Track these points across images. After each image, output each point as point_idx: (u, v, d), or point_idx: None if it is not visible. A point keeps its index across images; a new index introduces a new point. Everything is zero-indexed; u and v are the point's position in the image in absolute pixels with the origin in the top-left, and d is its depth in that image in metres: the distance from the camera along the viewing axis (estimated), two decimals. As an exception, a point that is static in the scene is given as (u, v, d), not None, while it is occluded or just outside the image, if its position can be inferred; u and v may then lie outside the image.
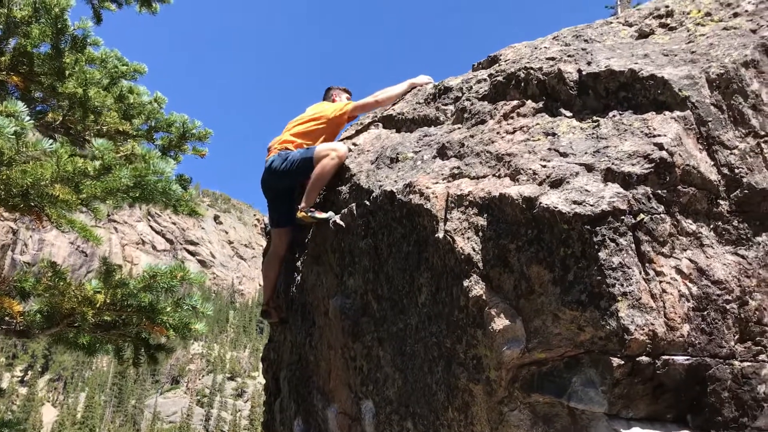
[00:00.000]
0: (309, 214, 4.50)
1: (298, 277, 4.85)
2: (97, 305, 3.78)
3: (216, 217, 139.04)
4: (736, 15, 3.57)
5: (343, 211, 4.20)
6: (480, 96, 4.02)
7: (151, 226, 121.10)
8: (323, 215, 4.43)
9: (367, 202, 3.89)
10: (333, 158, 4.60)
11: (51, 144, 3.43)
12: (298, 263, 4.89)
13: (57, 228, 3.85)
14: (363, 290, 3.94)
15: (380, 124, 4.98)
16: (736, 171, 2.87)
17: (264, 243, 6.28)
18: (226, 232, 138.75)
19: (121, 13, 6.10)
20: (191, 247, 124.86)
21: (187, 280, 3.96)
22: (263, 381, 6.28)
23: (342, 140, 5.17)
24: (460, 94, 4.30)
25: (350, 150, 4.74)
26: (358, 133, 5.11)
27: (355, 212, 4.02)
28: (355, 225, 4.00)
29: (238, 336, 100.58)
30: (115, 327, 4.16)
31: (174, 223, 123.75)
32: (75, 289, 3.84)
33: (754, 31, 3.29)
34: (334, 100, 5.53)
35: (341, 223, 4.14)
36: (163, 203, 3.99)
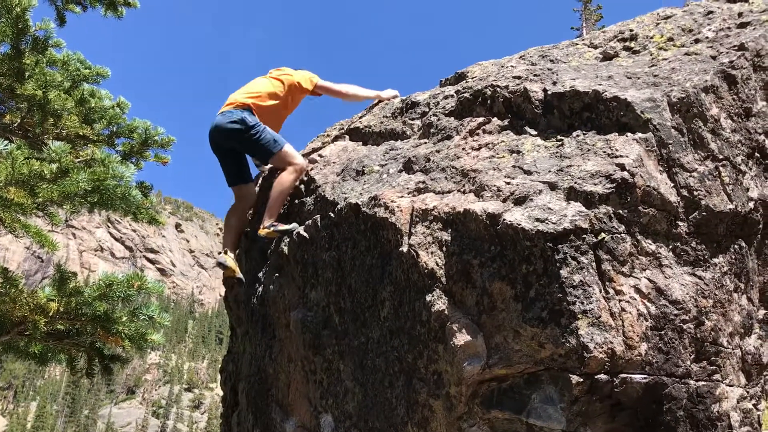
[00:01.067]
0: (272, 228, 4.46)
1: (260, 289, 4.79)
2: (50, 313, 3.68)
3: (177, 225, 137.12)
4: (697, 41, 3.66)
5: (307, 222, 4.16)
6: (447, 112, 4.04)
7: (110, 233, 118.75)
8: (287, 227, 4.39)
9: (332, 214, 3.86)
10: (291, 173, 4.60)
11: (6, 145, 3.33)
12: (260, 274, 4.84)
13: (11, 233, 3.73)
14: (325, 303, 3.91)
15: (347, 137, 4.97)
16: (695, 193, 2.93)
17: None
18: (188, 241, 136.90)
19: (86, 15, 6.00)
20: (151, 255, 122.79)
21: (145, 289, 3.87)
22: (221, 393, 6.18)
23: (308, 152, 5.14)
24: (427, 109, 4.33)
25: (316, 161, 4.72)
26: (324, 144, 5.10)
27: (319, 224, 3.99)
28: (319, 237, 3.97)
29: (196, 346, 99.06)
30: (68, 336, 4.05)
31: (134, 231, 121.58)
32: (27, 296, 3.73)
33: (714, 58, 3.37)
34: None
35: (305, 234, 4.11)
36: (122, 210, 3.91)
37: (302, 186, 4.56)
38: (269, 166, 5.22)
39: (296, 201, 4.52)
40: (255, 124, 4.73)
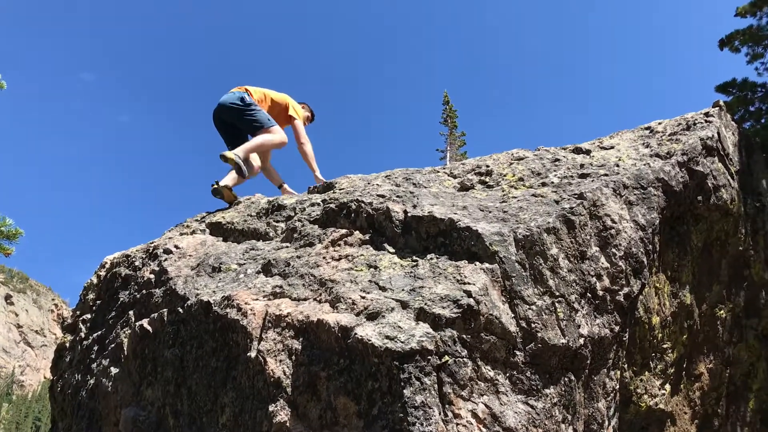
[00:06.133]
0: (235, 158, 5.48)
1: (91, 381, 4.46)
2: None
3: (8, 297, 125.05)
4: (544, 184, 4.03)
5: (152, 315, 3.99)
6: (312, 219, 4.12)
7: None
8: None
9: (181, 310, 3.74)
10: (276, 137, 5.92)
11: None
12: (93, 365, 4.52)
13: None
14: (161, 403, 3.70)
15: (207, 230, 4.90)
16: (533, 325, 3.14)
17: (59, 332, 5.86)
18: (17, 315, 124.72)
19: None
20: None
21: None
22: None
23: (164, 242, 5.01)
24: (293, 214, 4.38)
25: (171, 252, 4.59)
26: (182, 235, 4.98)
27: (165, 318, 3.84)
28: (163, 332, 3.81)
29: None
30: None
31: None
32: None
33: (557, 202, 3.71)
34: (304, 106, 6.88)
35: (148, 328, 3.93)
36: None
37: (152, 276, 4.40)
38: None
39: (144, 291, 4.33)
40: (252, 104, 5.99)
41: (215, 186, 5.51)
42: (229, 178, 5.80)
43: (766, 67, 12.81)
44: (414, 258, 3.42)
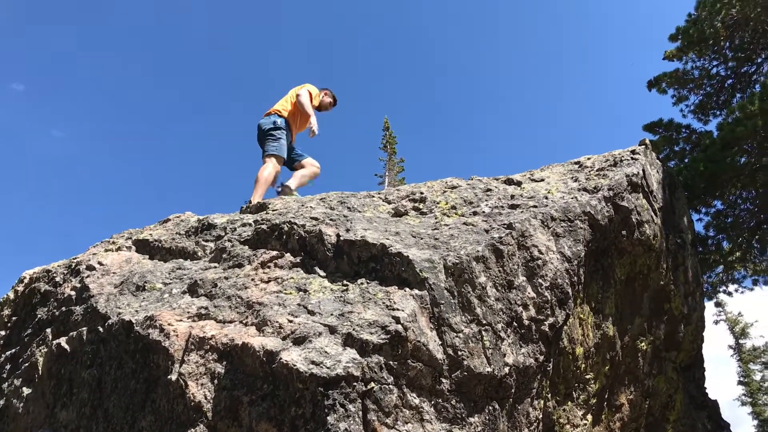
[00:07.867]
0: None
1: (1, 402, 4.24)
2: None
3: None
4: (475, 213, 4.08)
5: (71, 333, 3.83)
6: (242, 240, 4.06)
7: None
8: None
9: (101, 329, 3.60)
10: (268, 167, 6.37)
11: None
12: (4, 385, 4.30)
13: None
14: (75, 426, 3.54)
15: (134, 248, 4.76)
16: (459, 353, 3.15)
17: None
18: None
19: None
20: None
21: None
22: None
23: (87, 259, 4.84)
24: (223, 234, 4.31)
25: (95, 269, 4.43)
26: (107, 251, 4.82)
27: (84, 337, 3.69)
28: (82, 351, 3.66)
29: None
30: None
31: None
32: None
33: (487, 231, 3.77)
34: (326, 92, 7.43)
35: (66, 347, 3.77)
36: None
37: (73, 293, 4.23)
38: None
39: (64, 309, 4.16)
40: (273, 129, 6.59)
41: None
42: (293, 180, 6.54)
43: (691, 109, 13.45)
44: (344, 282, 3.40)
